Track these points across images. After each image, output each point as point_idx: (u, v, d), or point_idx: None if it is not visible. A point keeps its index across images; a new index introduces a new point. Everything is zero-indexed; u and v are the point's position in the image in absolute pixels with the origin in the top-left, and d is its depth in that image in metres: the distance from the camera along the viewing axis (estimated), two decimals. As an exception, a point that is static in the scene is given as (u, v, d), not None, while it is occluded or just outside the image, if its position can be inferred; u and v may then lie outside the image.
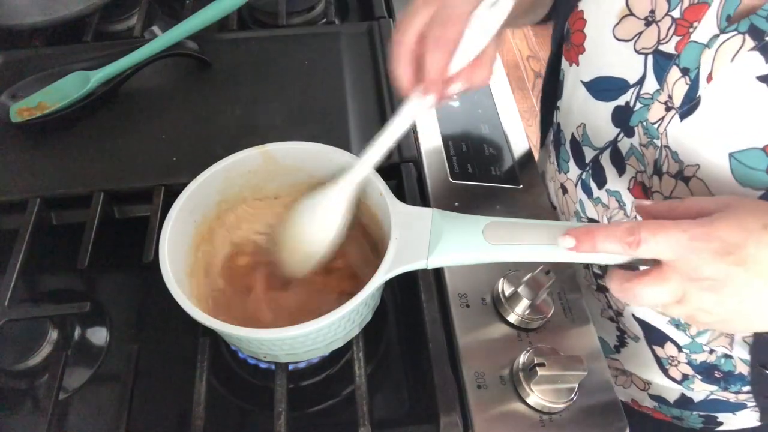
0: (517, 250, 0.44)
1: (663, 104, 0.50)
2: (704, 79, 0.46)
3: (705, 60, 0.46)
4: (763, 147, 0.43)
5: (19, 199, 0.59)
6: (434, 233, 0.45)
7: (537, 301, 0.53)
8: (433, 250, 0.45)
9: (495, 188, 0.64)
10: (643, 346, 0.65)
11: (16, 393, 0.55)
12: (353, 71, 0.72)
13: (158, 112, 0.68)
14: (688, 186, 0.49)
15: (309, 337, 0.46)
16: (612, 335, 0.69)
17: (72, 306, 0.53)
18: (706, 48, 0.46)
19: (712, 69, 0.45)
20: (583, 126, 0.61)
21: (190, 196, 0.50)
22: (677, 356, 0.62)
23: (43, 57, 0.71)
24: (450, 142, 0.68)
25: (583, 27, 0.55)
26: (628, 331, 0.66)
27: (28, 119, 0.64)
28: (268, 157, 0.53)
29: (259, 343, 0.47)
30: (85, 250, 0.56)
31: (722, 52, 0.44)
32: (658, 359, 0.65)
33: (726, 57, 0.44)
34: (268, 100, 0.68)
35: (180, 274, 0.47)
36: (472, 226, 0.45)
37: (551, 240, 0.42)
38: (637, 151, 0.55)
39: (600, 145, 0.59)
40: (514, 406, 0.50)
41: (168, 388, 0.55)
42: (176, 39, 0.69)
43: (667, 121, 0.49)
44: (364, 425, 0.47)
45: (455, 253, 0.45)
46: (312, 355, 0.51)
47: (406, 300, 0.62)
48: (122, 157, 0.63)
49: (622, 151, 0.57)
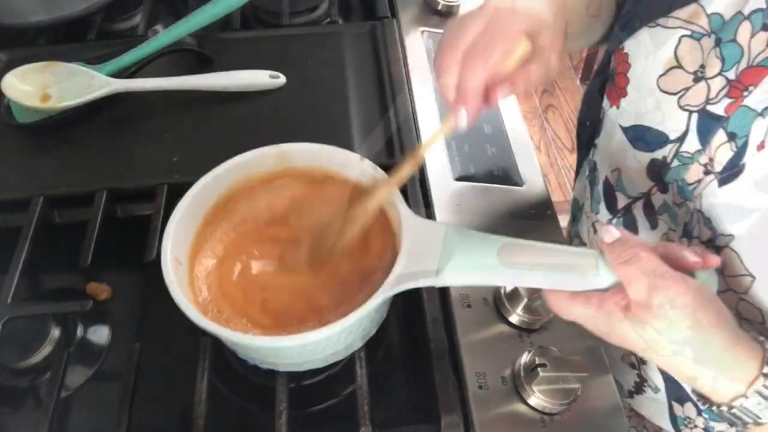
0: (532, 275, 0.42)
1: (702, 166, 0.48)
2: (754, 146, 0.43)
3: (757, 128, 0.43)
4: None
5: (22, 198, 0.59)
6: (445, 249, 0.44)
7: (538, 301, 0.53)
8: (443, 268, 0.43)
9: (497, 188, 0.64)
10: (662, 398, 0.62)
11: (18, 391, 0.55)
12: (356, 71, 0.72)
13: (160, 111, 0.68)
14: (720, 255, 0.45)
15: (307, 348, 0.45)
16: (630, 381, 0.66)
17: (74, 304, 0.53)
18: (759, 116, 0.43)
19: (766, 138, 0.43)
20: (619, 172, 0.59)
21: (199, 192, 0.49)
22: (695, 419, 0.59)
23: (47, 55, 0.71)
24: (452, 143, 0.68)
25: (627, 71, 0.53)
26: (649, 380, 0.63)
27: (35, 120, 0.64)
28: (284, 158, 0.53)
29: (256, 350, 0.46)
30: (87, 249, 0.56)
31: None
32: (673, 417, 0.62)
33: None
34: (270, 100, 0.68)
35: (182, 275, 0.47)
36: (486, 246, 0.43)
37: (569, 266, 0.41)
38: (670, 208, 0.53)
39: (634, 194, 0.57)
40: (515, 407, 0.50)
41: (169, 386, 0.55)
42: (178, 36, 0.69)
43: (705, 185, 0.47)
44: (365, 425, 0.47)
45: (467, 272, 0.43)
46: (311, 366, 0.50)
47: (407, 300, 0.62)
48: (124, 156, 0.63)
49: (654, 205, 0.55)
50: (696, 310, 0.38)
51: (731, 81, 0.45)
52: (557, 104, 2.27)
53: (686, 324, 0.38)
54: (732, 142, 0.45)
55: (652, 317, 0.38)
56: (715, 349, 0.39)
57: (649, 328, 0.39)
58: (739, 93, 0.44)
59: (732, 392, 0.39)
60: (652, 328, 0.39)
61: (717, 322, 0.39)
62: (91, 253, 0.56)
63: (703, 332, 0.38)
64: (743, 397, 0.39)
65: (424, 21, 0.81)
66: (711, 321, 0.38)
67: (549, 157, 2.10)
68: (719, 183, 0.45)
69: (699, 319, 0.38)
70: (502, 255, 0.43)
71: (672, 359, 0.40)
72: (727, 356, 0.39)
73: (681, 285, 0.38)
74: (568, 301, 0.42)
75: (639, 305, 0.39)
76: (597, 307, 0.41)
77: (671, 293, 0.38)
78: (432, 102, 0.71)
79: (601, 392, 0.51)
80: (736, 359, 0.39)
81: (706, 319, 0.38)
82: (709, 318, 0.38)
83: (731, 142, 0.45)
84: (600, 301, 0.41)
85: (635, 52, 0.52)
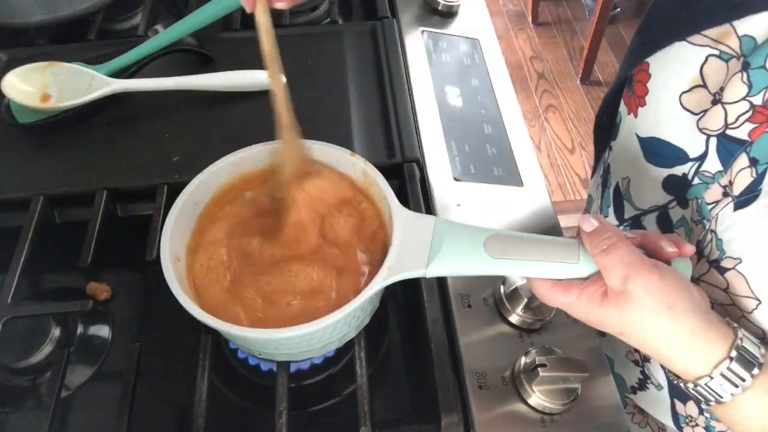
0: (517, 265, 0.44)
1: (722, 188, 0.47)
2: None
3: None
4: None
5: (22, 197, 0.59)
6: (435, 241, 0.45)
7: (538, 302, 0.53)
8: (432, 259, 0.44)
9: (497, 188, 0.64)
10: (665, 396, 0.62)
11: (19, 390, 0.55)
12: (356, 71, 0.72)
13: (161, 110, 0.68)
14: (724, 276, 0.46)
15: (304, 339, 0.45)
16: (633, 377, 0.66)
17: (74, 304, 0.53)
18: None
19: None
20: (628, 180, 0.59)
21: (195, 189, 0.50)
22: (696, 418, 0.59)
23: (48, 55, 0.71)
24: (452, 143, 0.68)
25: (647, 81, 0.52)
26: (652, 377, 0.63)
27: (35, 120, 0.64)
28: (277, 154, 0.53)
29: (253, 341, 0.47)
30: (87, 248, 0.56)
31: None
32: (675, 414, 0.62)
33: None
34: (271, 100, 0.68)
35: (181, 272, 0.47)
36: (473, 237, 0.45)
37: (552, 256, 0.43)
38: (687, 224, 0.53)
39: (642, 207, 0.57)
40: (515, 407, 0.50)
41: (170, 386, 0.55)
42: (178, 36, 0.69)
43: (722, 206, 0.46)
44: (365, 425, 0.47)
45: (455, 263, 0.45)
46: (307, 356, 0.51)
47: (407, 300, 0.62)
48: (125, 155, 0.63)
49: (672, 219, 0.55)
50: (668, 295, 0.40)
51: (756, 106, 0.44)
52: (557, 104, 2.27)
53: (659, 309, 0.40)
54: (753, 168, 0.44)
55: (627, 303, 0.40)
56: (686, 332, 0.41)
57: (625, 313, 0.41)
58: (764, 118, 0.44)
59: (698, 372, 0.41)
60: (627, 314, 0.41)
61: (689, 307, 0.40)
62: (92, 252, 0.56)
63: (676, 317, 0.40)
64: (708, 377, 0.41)
65: (424, 21, 0.82)
66: (683, 306, 0.40)
67: (549, 157, 2.10)
68: (735, 206, 0.45)
69: (671, 304, 0.40)
70: (489, 246, 0.44)
71: (645, 341, 0.42)
72: (698, 339, 0.41)
73: (654, 273, 0.40)
74: (550, 290, 0.44)
75: (615, 292, 0.41)
76: (577, 295, 0.42)
77: (645, 280, 0.40)
78: (432, 102, 0.71)
79: (601, 392, 0.51)
80: (706, 342, 0.41)
81: (678, 304, 0.40)
82: (681, 303, 0.40)
83: (752, 168, 0.44)
84: (580, 290, 0.42)
85: (657, 62, 0.51)
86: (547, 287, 0.44)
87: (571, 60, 2.42)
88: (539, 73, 2.38)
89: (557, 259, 0.43)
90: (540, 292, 0.45)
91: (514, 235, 0.45)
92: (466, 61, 0.78)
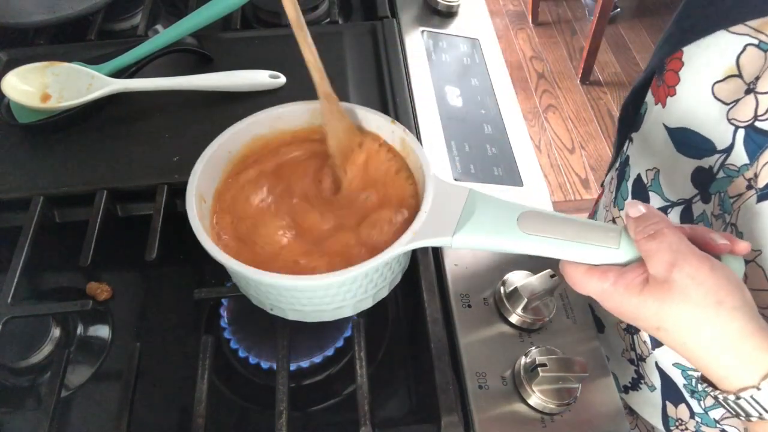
0: (550, 244, 0.41)
1: (746, 181, 0.46)
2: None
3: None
4: None
5: (22, 197, 0.59)
6: (466, 212, 0.44)
7: (538, 302, 0.53)
8: (460, 229, 0.43)
9: (497, 189, 0.64)
10: (657, 397, 0.61)
11: (19, 390, 0.55)
12: (356, 71, 0.72)
13: (161, 110, 0.68)
14: None
15: (317, 293, 0.45)
16: (627, 376, 0.66)
17: (74, 304, 0.53)
18: None
19: None
20: (657, 171, 0.57)
21: (231, 137, 0.51)
22: (687, 422, 0.59)
23: (48, 55, 0.71)
24: (453, 142, 0.68)
25: (679, 69, 0.51)
26: (646, 378, 0.62)
27: (35, 120, 0.64)
28: (316, 115, 0.53)
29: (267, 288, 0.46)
30: (87, 248, 0.56)
31: None
32: (665, 417, 0.61)
33: None
34: (270, 100, 0.68)
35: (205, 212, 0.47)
36: (506, 211, 0.43)
37: (590, 239, 0.41)
38: (707, 219, 0.52)
39: (672, 198, 0.55)
40: (515, 407, 0.50)
41: (170, 386, 0.55)
42: (178, 36, 0.69)
43: (744, 199, 0.45)
44: (366, 425, 0.47)
45: (483, 235, 0.43)
46: (319, 317, 0.49)
47: (407, 300, 0.62)
48: (125, 155, 0.63)
49: (694, 214, 0.53)
50: (718, 289, 0.36)
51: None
52: (557, 104, 2.27)
53: (705, 303, 0.36)
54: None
55: (670, 293, 0.37)
56: (735, 333, 0.36)
57: (666, 305, 0.37)
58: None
59: (743, 382, 0.37)
60: (668, 306, 0.37)
61: (740, 305, 0.37)
62: (91, 252, 0.56)
63: (724, 314, 0.36)
64: (755, 388, 0.36)
65: (424, 21, 0.82)
66: (733, 304, 0.36)
67: (549, 157, 2.10)
68: (758, 198, 0.44)
69: (721, 299, 0.36)
70: (522, 222, 0.42)
71: (686, 341, 0.38)
72: (747, 343, 0.37)
73: (704, 263, 0.37)
74: (584, 274, 0.41)
75: (658, 281, 0.38)
76: (613, 281, 0.39)
77: (693, 270, 0.36)
78: (432, 102, 0.71)
79: (601, 392, 0.52)
80: (755, 347, 0.37)
81: (727, 301, 0.36)
82: (731, 300, 0.36)
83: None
84: (617, 276, 0.39)
85: (691, 51, 0.50)
86: (581, 272, 0.41)
87: (571, 60, 2.43)
88: (539, 73, 2.38)
89: (595, 242, 0.41)
90: (572, 278, 0.41)
91: (551, 213, 0.43)
92: (466, 61, 0.78)
